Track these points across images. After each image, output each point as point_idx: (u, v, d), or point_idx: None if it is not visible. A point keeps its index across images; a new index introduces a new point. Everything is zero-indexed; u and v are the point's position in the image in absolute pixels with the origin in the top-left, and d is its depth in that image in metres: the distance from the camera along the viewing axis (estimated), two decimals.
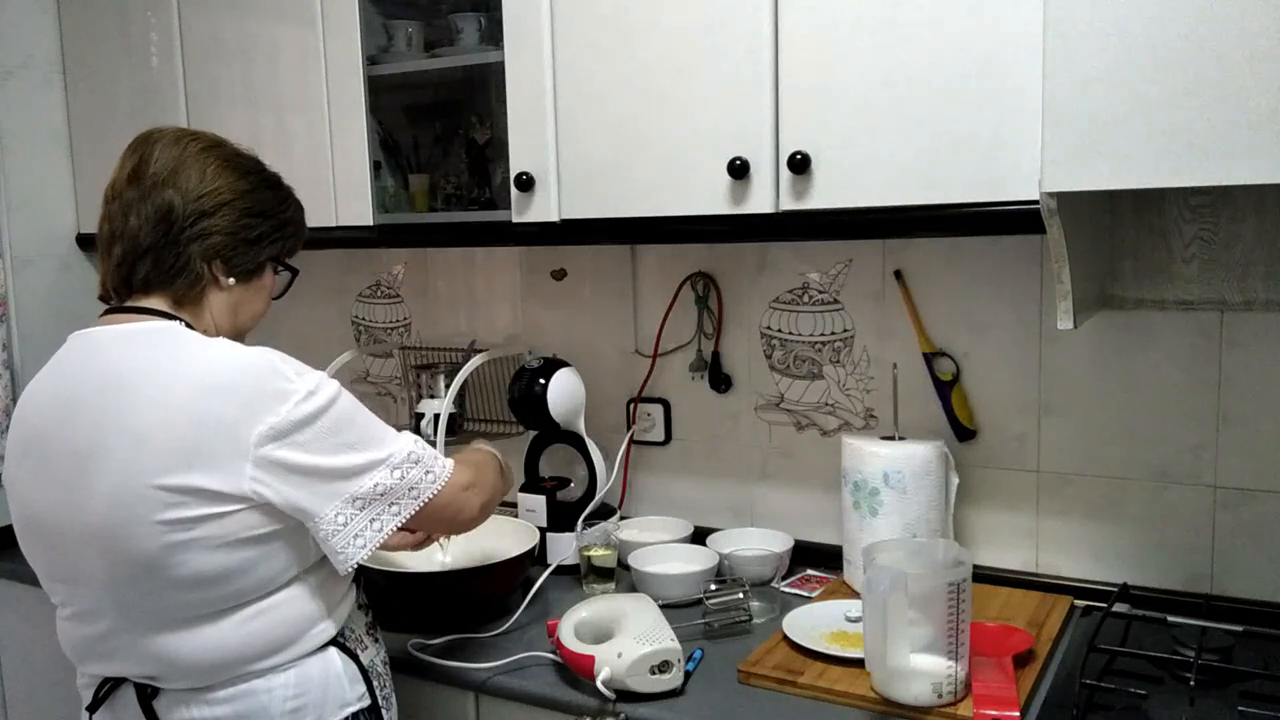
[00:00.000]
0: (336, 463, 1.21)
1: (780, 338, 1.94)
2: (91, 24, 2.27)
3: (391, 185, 2.03)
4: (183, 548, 1.18)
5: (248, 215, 1.33)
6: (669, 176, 1.61)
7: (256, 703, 1.26)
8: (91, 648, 1.29)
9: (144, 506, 1.17)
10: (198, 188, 1.29)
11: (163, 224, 1.28)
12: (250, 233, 1.33)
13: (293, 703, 1.27)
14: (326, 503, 1.21)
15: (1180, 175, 1.15)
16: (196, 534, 1.18)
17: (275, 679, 1.26)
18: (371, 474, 1.24)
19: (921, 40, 1.41)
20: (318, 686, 1.29)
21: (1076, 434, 1.71)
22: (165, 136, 1.33)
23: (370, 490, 1.23)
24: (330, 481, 1.21)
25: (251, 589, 1.23)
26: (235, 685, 1.25)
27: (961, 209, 1.42)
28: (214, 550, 1.19)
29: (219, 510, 1.18)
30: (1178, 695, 1.34)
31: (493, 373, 2.21)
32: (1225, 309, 1.58)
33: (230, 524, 1.19)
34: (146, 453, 1.17)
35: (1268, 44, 1.09)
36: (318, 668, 1.30)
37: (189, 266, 1.29)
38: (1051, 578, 1.75)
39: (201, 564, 1.19)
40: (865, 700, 1.37)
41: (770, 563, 1.72)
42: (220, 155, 1.33)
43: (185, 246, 1.28)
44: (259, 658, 1.25)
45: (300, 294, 2.54)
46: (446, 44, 1.93)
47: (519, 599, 1.72)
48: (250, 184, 1.34)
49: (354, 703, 1.33)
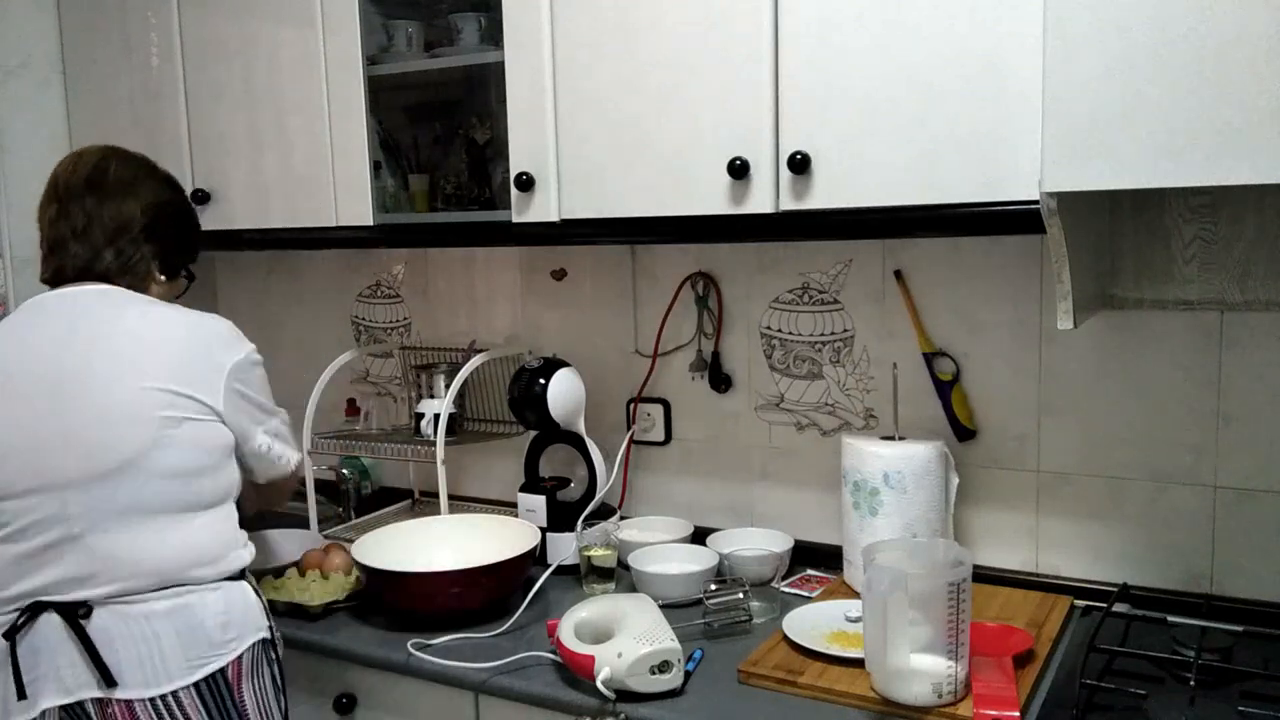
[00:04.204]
0: (264, 401, 1.56)
1: (780, 338, 1.94)
2: (91, 24, 2.27)
3: (391, 185, 2.03)
4: (169, 441, 1.41)
5: (187, 228, 1.63)
6: (669, 176, 1.62)
7: (194, 616, 1.44)
8: (23, 564, 1.41)
9: (145, 404, 1.40)
10: (154, 200, 1.56)
11: (124, 228, 1.52)
12: (183, 240, 1.62)
13: (222, 618, 1.46)
14: (257, 430, 1.55)
15: (1180, 175, 1.15)
16: (180, 432, 1.42)
17: (208, 595, 1.45)
18: (276, 418, 1.60)
19: (921, 40, 1.41)
20: (239, 607, 1.48)
21: (1076, 434, 1.71)
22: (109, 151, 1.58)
23: (276, 429, 1.59)
24: (261, 414, 1.55)
25: (207, 495, 1.47)
26: (171, 598, 1.42)
27: (961, 209, 1.42)
28: (190, 450, 1.44)
29: (199, 417, 1.45)
30: (1178, 695, 1.34)
31: (493, 373, 2.21)
32: (1225, 309, 1.58)
33: (204, 430, 1.45)
34: (144, 364, 1.42)
35: (1268, 44, 1.09)
36: (239, 592, 1.49)
37: (140, 264, 1.54)
38: (1051, 578, 1.75)
39: (181, 458, 1.43)
40: (865, 700, 1.37)
41: (770, 563, 1.72)
42: (162, 174, 1.61)
43: (141, 246, 1.54)
44: (191, 565, 1.44)
45: (300, 294, 2.56)
46: (446, 44, 1.93)
47: (519, 599, 1.72)
48: (186, 203, 1.65)
49: (264, 630, 1.52)
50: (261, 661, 1.50)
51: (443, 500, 1.99)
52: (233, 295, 2.64)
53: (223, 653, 1.45)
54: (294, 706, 1.74)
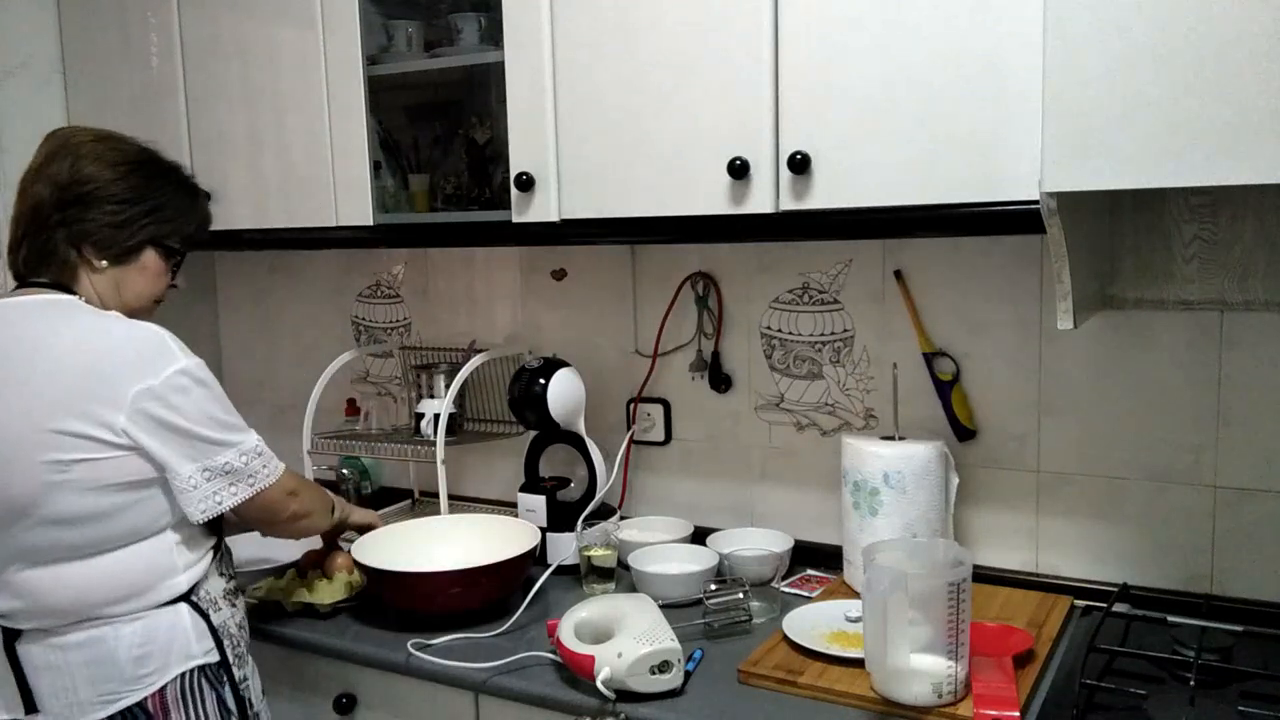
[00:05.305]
0: (200, 431, 1.38)
1: (780, 338, 1.94)
2: (91, 24, 2.27)
3: (391, 185, 2.03)
4: (58, 488, 1.32)
5: (111, 202, 1.44)
6: (669, 176, 1.61)
7: (105, 649, 1.37)
8: None
9: (28, 447, 1.31)
10: (64, 179, 1.43)
11: (34, 214, 1.43)
12: (116, 218, 1.45)
13: (138, 650, 1.38)
14: (185, 463, 1.37)
15: (1180, 175, 1.15)
16: (72, 475, 1.32)
17: (124, 628, 1.38)
18: (225, 452, 1.41)
19: (921, 40, 1.41)
20: (163, 638, 1.40)
21: (1076, 434, 1.71)
22: (55, 135, 1.48)
23: (221, 466, 1.41)
24: (192, 444, 1.38)
25: (118, 535, 1.36)
26: (85, 630, 1.37)
27: (961, 209, 1.42)
28: (86, 492, 1.33)
29: (95, 455, 1.32)
30: (1178, 695, 1.34)
31: (493, 373, 2.21)
32: (1225, 309, 1.58)
33: (104, 469, 1.33)
34: (33, 401, 1.32)
35: (1268, 44, 1.09)
36: (166, 621, 1.41)
37: (56, 252, 1.43)
38: (1051, 578, 1.75)
39: (73, 504, 1.33)
40: (865, 700, 1.37)
41: (770, 563, 1.72)
42: (94, 149, 1.46)
43: (52, 232, 1.42)
44: (109, 603, 1.37)
45: (300, 294, 2.56)
46: (446, 44, 1.93)
47: (519, 599, 1.72)
48: (117, 173, 1.46)
49: (199, 656, 1.43)
50: (198, 690, 1.42)
51: (443, 500, 1.99)
52: (233, 295, 2.64)
53: (136, 688, 1.38)
54: (294, 706, 1.75)
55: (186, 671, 1.42)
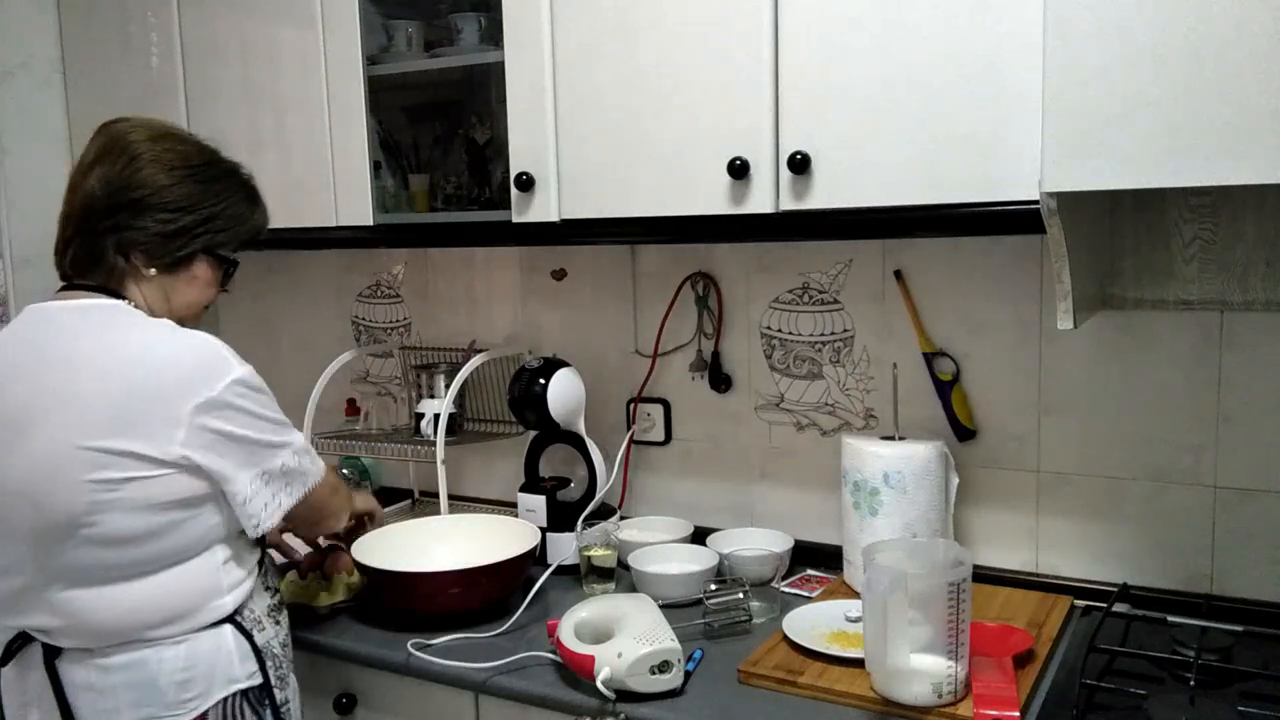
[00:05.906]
0: (257, 437, 1.34)
1: (780, 338, 1.94)
2: (91, 24, 2.27)
3: (391, 185, 2.03)
4: (106, 506, 1.26)
5: (165, 210, 1.37)
6: (669, 176, 1.61)
7: (146, 672, 1.33)
8: (5, 601, 1.36)
9: (73, 466, 1.26)
10: (117, 181, 1.35)
11: (85, 215, 1.36)
12: (167, 227, 1.37)
13: (181, 675, 1.34)
14: (241, 472, 1.33)
15: (1180, 175, 1.15)
16: (121, 494, 1.26)
17: (166, 651, 1.34)
18: (280, 453, 1.37)
19: (921, 40, 1.41)
20: (206, 661, 1.36)
21: (1076, 434, 1.71)
22: (108, 128, 1.40)
23: (278, 468, 1.37)
24: (250, 451, 1.33)
25: (166, 554, 1.31)
26: (128, 653, 1.33)
27: (961, 209, 1.42)
28: (135, 512, 1.28)
29: (145, 474, 1.27)
30: (1178, 695, 1.34)
31: (493, 373, 2.21)
32: (1225, 309, 1.58)
33: (154, 488, 1.28)
34: (80, 417, 1.26)
35: (1268, 44, 1.09)
36: (209, 643, 1.36)
37: (105, 257, 1.36)
38: (1051, 578, 1.75)
39: (121, 524, 1.27)
40: (865, 700, 1.37)
41: (770, 563, 1.72)
42: (150, 150, 1.37)
43: (101, 238, 1.36)
44: (155, 625, 1.33)
45: (300, 294, 2.56)
46: (446, 44, 1.93)
47: (519, 599, 1.72)
48: (173, 179, 1.38)
49: (243, 680, 1.39)
50: (239, 715, 1.38)
51: (443, 500, 1.99)
52: (233, 295, 2.63)
53: (178, 713, 1.34)
54: None
55: (229, 696, 1.38)
